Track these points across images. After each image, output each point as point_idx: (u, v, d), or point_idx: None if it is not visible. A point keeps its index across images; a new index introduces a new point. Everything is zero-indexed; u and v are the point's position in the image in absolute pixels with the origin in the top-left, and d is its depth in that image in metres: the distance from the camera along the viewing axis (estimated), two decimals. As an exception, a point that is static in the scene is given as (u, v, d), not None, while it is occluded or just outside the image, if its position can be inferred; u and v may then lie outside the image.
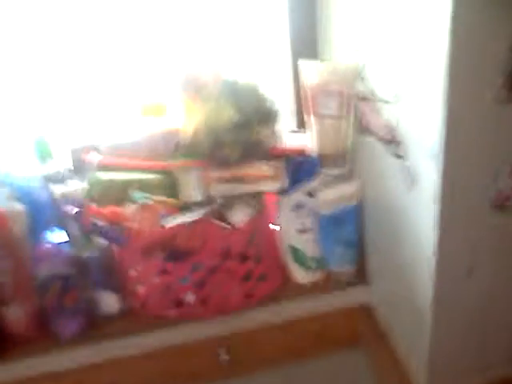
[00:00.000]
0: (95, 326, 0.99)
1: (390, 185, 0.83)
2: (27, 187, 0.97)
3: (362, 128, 0.89)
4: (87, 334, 0.98)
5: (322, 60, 1.01)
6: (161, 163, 0.97)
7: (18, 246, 0.94)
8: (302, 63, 0.92)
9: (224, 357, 1.07)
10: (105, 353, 1.00)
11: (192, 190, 0.95)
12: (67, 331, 0.97)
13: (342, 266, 1.02)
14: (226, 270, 0.95)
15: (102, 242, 0.96)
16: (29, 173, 0.98)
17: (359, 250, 1.02)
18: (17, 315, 0.96)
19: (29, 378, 1.00)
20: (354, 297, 1.05)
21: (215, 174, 0.93)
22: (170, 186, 0.97)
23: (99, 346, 0.99)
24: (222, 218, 0.94)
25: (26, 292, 0.95)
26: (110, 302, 1.00)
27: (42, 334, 0.98)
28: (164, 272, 0.94)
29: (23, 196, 0.96)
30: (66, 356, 0.99)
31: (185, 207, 0.95)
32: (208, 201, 0.94)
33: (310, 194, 0.97)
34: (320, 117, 0.92)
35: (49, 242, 0.94)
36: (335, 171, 0.96)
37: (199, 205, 0.94)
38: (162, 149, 0.97)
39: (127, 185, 0.95)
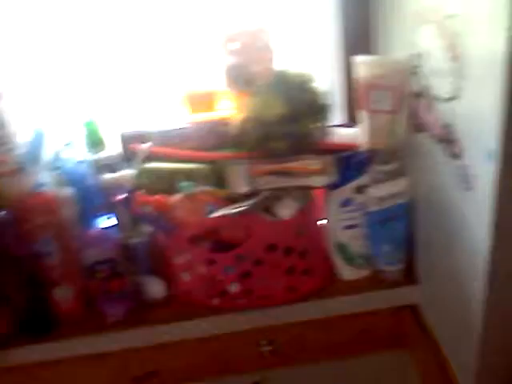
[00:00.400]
0: (140, 311, 1.01)
1: (444, 183, 0.80)
2: (78, 172, 0.99)
3: (415, 125, 0.87)
4: (132, 319, 1.00)
5: (376, 54, 0.99)
6: (209, 154, 0.97)
7: (67, 229, 0.96)
8: (355, 57, 0.89)
9: (265, 348, 1.07)
10: (148, 338, 1.02)
11: (239, 182, 0.94)
12: (113, 315, 0.99)
13: (389, 264, 0.99)
14: (271, 262, 0.95)
15: (148, 229, 0.98)
16: (80, 158, 1.00)
17: (408, 248, 0.99)
18: (65, 296, 0.99)
19: (74, 357, 1.03)
20: (400, 296, 1.02)
21: (263, 166, 0.93)
22: (217, 177, 0.97)
23: (143, 331, 1.00)
24: (269, 211, 0.93)
25: (74, 275, 0.98)
26: (155, 288, 1.01)
27: (89, 315, 1.01)
28: (209, 262, 0.94)
29: (73, 181, 0.98)
30: (111, 338, 1.00)
31: (231, 199, 0.95)
32: (255, 193, 0.93)
33: (359, 190, 0.95)
34: (372, 112, 0.90)
35: (97, 228, 0.96)
36: (386, 168, 0.93)
37: (246, 197, 0.93)
38: (210, 140, 0.97)
39: (175, 174, 0.95)
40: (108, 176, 0.98)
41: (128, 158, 1.00)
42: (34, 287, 0.96)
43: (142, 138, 1.00)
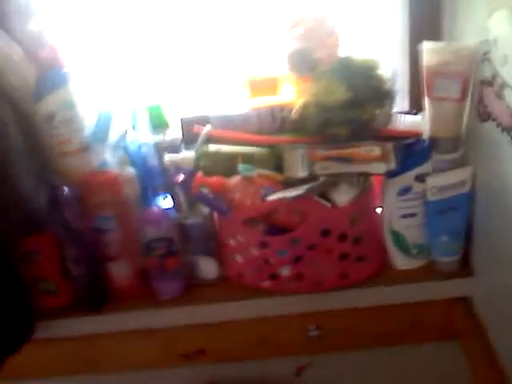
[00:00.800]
0: (192, 290, 1.03)
1: (508, 174, 0.79)
2: (140, 154, 1.00)
3: (481, 113, 0.84)
4: (184, 297, 1.02)
5: (443, 40, 0.96)
6: (268, 138, 0.97)
7: (128, 207, 0.99)
8: (422, 43, 0.87)
9: (313, 333, 1.08)
10: (198, 316, 1.04)
11: (297, 167, 0.93)
12: (167, 292, 1.01)
13: (445, 255, 0.98)
14: (325, 248, 0.94)
15: (205, 210, 0.99)
16: (143, 140, 1.02)
17: (465, 240, 0.97)
18: (121, 272, 1.01)
19: (127, 330, 1.06)
20: (454, 288, 1.01)
21: (322, 151, 0.92)
22: (275, 161, 0.97)
23: (194, 309, 1.02)
24: (325, 197, 0.93)
25: (131, 251, 1.00)
26: (208, 268, 1.02)
27: (143, 291, 1.03)
28: (262, 244, 0.95)
29: (136, 162, 1.00)
30: (163, 315, 1.03)
31: (288, 183, 0.95)
32: (312, 178, 0.93)
33: (419, 179, 0.93)
34: (437, 99, 0.88)
35: (156, 207, 0.98)
36: (448, 156, 0.91)
37: (303, 181, 0.93)
38: (270, 124, 0.97)
39: (234, 157, 0.96)
40: (169, 158, 1.00)
41: (189, 140, 1.01)
42: (93, 262, 0.98)
43: (202, 120, 1.00)
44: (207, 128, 0.99)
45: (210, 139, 0.99)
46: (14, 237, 0.92)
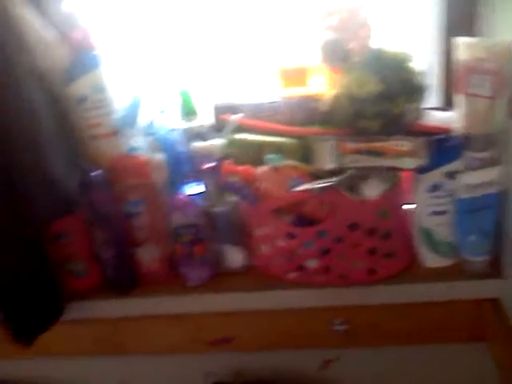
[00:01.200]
0: (219, 278, 1.03)
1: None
2: (170, 139, 1.01)
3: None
4: (210, 284, 1.03)
5: (478, 36, 0.94)
6: (298, 129, 0.97)
7: (157, 192, 1.00)
8: (457, 38, 0.86)
9: (339, 327, 1.07)
10: (224, 304, 1.04)
11: (326, 159, 0.93)
12: (193, 279, 1.02)
13: (475, 255, 0.96)
14: (352, 241, 0.94)
15: (233, 198, 0.99)
16: (173, 126, 1.03)
17: (496, 240, 0.95)
18: (149, 257, 1.02)
19: (153, 315, 1.08)
20: (483, 289, 0.99)
21: (352, 144, 0.91)
22: (304, 152, 0.97)
23: (220, 297, 1.03)
24: (354, 190, 0.92)
25: (159, 237, 1.01)
26: (234, 257, 1.03)
27: (170, 277, 1.04)
28: (289, 235, 0.95)
29: (165, 147, 1.01)
30: (189, 301, 1.04)
31: (316, 175, 0.94)
32: (341, 171, 0.92)
33: (450, 176, 0.91)
34: (470, 96, 0.86)
35: (184, 194, 0.99)
36: (480, 154, 0.89)
37: (331, 174, 0.92)
38: (300, 115, 0.97)
39: (264, 147, 0.96)
40: (198, 144, 1.01)
41: (219, 128, 1.01)
42: (121, 245, 1.00)
43: (233, 109, 1.01)
44: (237, 116, 0.99)
45: (240, 127, 0.99)
46: (45, 218, 0.94)
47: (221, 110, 1.02)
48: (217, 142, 1.00)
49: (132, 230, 1.00)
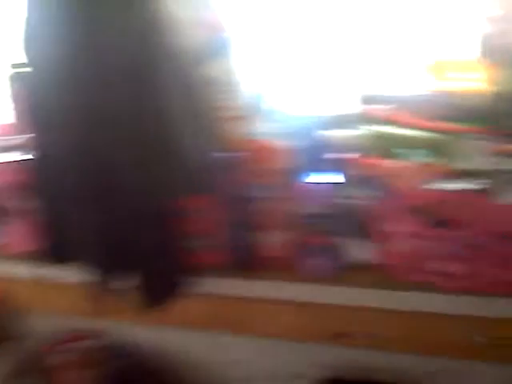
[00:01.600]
0: (341, 271, 1.01)
1: None
2: (304, 126, 1.01)
3: None
4: (332, 276, 1.01)
5: None
6: (445, 125, 0.93)
7: (285, 178, 1.00)
8: None
9: (478, 338, 1.01)
10: (348, 298, 1.02)
11: (468, 158, 0.89)
12: (316, 269, 1.02)
13: None
14: (496, 250, 0.88)
15: (366, 191, 0.96)
16: (308, 113, 1.01)
17: None
18: (273, 241, 1.03)
19: (271, 299, 1.08)
20: None
21: (500, 145, 0.86)
22: (443, 149, 0.92)
23: (345, 291, 1.02)
24: (501, 195, 0.86)
25: (284, 223, 1.01)
26: (361, 251, 1.01)
27: (289, 264, 1.04)
28: (423, 236, 0.91)
29: (299, 134, 1.00)
30: (310, 291, 1.04)
31: (455, 174, 0.90)
32: (484, 173, 0.87)
33: None
34: None
35: (315, 183, 0.98)
36: None
37: (472, 175, 0.87)
38: (448, 111, 0.92)
39: (400, 140, 0.93)
40: (337, 133, 0.99)
41: (363, 118, 0.99)
42: (246, 228, 1.02)
43: (380, 100, 0.98)
44: (384, 108, 0.97)
45: (385, 120, 0.96)
46: (176, 195, 0.97)
47: (368, 101, 1.00)
48: (358, 133, 0.98)
49: (258, 213, 1.01)
